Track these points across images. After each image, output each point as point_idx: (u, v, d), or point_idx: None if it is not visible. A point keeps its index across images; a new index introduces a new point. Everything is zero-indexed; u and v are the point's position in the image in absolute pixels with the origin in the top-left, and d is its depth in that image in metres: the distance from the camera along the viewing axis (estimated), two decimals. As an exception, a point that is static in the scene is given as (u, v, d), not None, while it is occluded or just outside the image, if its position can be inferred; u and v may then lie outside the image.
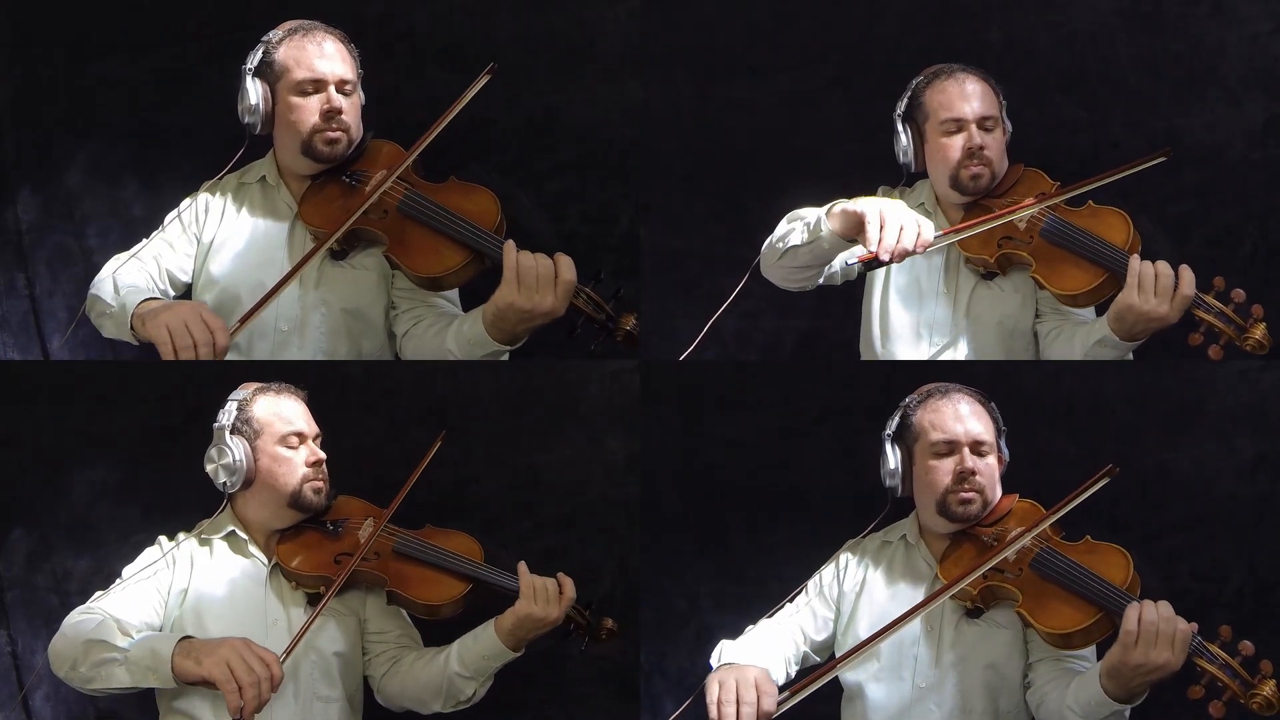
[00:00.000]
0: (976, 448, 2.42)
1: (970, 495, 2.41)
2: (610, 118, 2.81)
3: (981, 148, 2.45)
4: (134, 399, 2.77)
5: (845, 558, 2.53)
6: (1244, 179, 2.75)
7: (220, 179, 2.52)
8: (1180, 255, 2.34)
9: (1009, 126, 2.52)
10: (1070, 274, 2.40)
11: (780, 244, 2.47)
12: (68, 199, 2.83)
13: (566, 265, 2.30)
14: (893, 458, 2.46)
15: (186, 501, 2.56)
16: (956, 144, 2.47)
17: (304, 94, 2.43)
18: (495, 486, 2.79)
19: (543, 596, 2.36)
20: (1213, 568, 2.73)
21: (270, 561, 2.43)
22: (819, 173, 2.77)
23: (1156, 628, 2.21)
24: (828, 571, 2.53)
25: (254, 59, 2.45)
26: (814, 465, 2.83)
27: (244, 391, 2.45)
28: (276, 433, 2.42)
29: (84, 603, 2.36)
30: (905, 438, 2.46)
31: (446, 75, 2.80)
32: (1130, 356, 2.46)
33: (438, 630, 2.48)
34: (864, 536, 2.54)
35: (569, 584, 2.40)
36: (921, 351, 2.54)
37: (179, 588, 2.39)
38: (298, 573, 2.41)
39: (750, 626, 2.50)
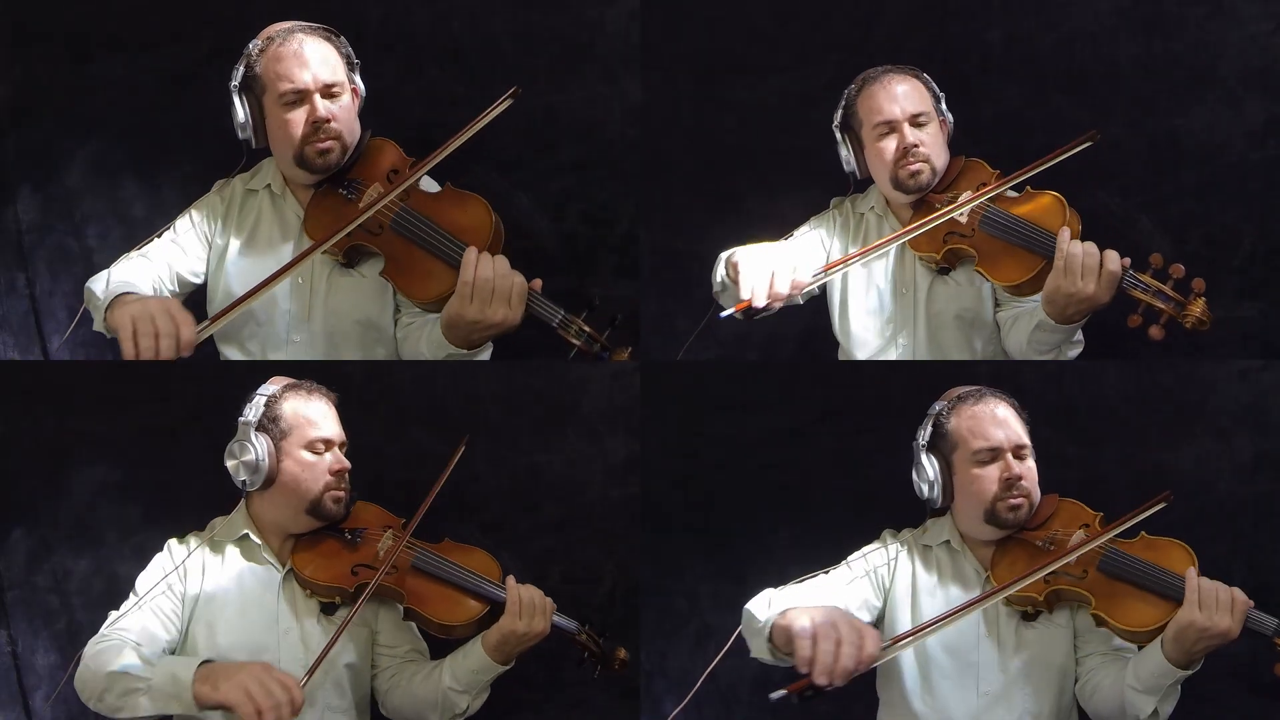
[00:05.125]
0: (1018, 451, 2.40)
1: (1019, 501, 2.39)
2: (610, 118, 2.81)
3: (916, 145, 2.47)
4: (134, 399, 2.76)
5: (895, 549, 2.48)
6: (1244, 179, 2.75)
7: (228, 182, 2.49)
8: (1180, 255, 2.35)
9: (949, 119, 2.53)
10: (1009, 265, 2.39)
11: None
12: (68, 199, 2.83)
13: (519, 279, 2.24)
14: (930, 468, 2.42)
15: (186, 502, 2.56)
16: (890, 145, 2.49)
17: (289, 106, 2.36)
18: (495, 486, 2.79)
19: (528, 611, 2.32)
20: (1213, 566, 2.73)
21: (285, 568, 2.37)
22: (818, 173, 2.77)
23: (1215, 594, 2.23)
24: (877, 556, 2.48)
25: (238, 74, 2.40)
26: (814, 465, 2.83)
27: (273, 387, 2.38)
28: (304, 436, 2.35)
29: (92, 609, 2.35)
30: (942, 447, 2.43)
31: (446, 75, 2.80)
32: (1080, 339, 2.46)
33: (446, 643, 2.45)
34: (902, 533, 2.50)
35: (546, 598, 2.36)
36: (888, 353, 2.55)
37: (191, 595, 2.33)
38: (313, 581, 2.34)
39: (778, 588, 2.40)
